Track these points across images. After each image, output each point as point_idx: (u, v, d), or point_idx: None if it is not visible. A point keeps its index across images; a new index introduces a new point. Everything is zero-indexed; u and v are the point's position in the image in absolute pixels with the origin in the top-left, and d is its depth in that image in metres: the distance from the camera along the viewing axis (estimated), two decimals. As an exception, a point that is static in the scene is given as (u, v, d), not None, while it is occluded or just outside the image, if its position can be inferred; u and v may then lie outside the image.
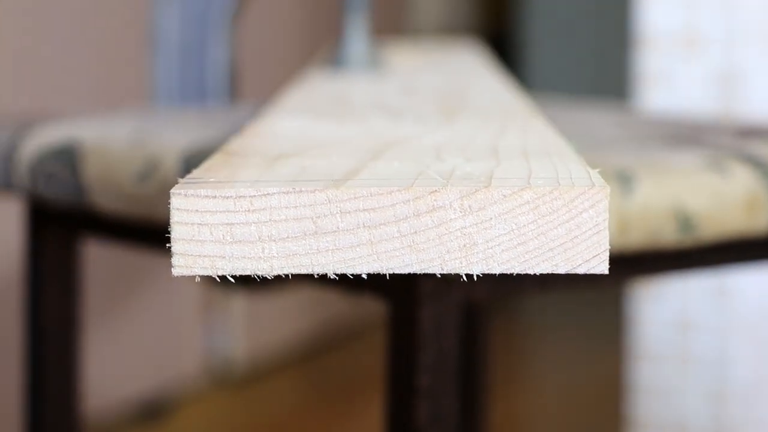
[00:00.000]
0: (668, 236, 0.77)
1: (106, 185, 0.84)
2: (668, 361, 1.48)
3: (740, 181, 0.80)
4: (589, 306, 2.58)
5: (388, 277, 0.47)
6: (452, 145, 0.59)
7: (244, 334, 2.13)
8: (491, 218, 0.45)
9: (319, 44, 2.14)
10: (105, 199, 0.84)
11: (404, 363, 0.67)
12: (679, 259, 0.80)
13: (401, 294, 0.68)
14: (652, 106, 1.44)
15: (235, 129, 0.85)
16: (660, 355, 1.48)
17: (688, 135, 0.89)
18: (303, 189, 0.45)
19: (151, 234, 0.87)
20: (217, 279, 0.46)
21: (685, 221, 0.77)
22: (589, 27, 3.05)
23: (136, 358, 1.90)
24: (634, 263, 0.79)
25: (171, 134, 0.86)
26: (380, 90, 0.94)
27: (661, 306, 1.47)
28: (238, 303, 2.12)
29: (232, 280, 0.46)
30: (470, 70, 1.12)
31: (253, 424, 1.91)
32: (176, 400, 1.96)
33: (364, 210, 0.45)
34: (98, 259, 1.67)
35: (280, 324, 2.22)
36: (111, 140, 0.86)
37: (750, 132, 0.94)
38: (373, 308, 2.17)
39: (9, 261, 1.64)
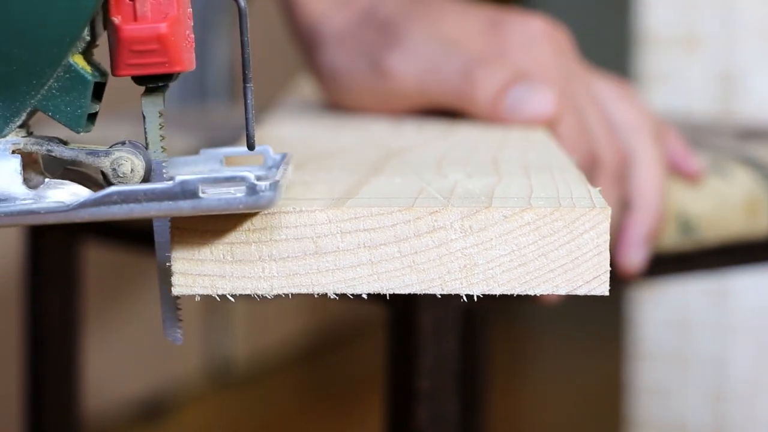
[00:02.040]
0: (668, 239, 0.77)
1: (106, 187, 0.84)
2: (668, 361, 1.48)
3: (741, 183, 0.80)
4: (589, 306, 2.58)
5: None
6: (453, 156, 0.59)
7: (244, 334, 2.13)
8: (492, 239, 0.44)
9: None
10: (105, 201, 0.84)
11: (404, 366, 0.67)
12: (680, 261, 0.80)
13: (401, 297, 0.68)
14: (652, 107, 1.44)
15: (235, 131, 0.85)
16: (660, 355, 1.48)
17: (688, 137, 0.88)
18: (303, 209, 0.45)
19: (151, 234, 0.86)
20: (217, 298, 0.46)
21: (685, 224, 0.77)
22: (589, 27, 3.04)
23: (136, 358, 1.90)
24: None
25: (170, 135, 0.86)
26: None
27: (661, 306, 1.47)
28: (239, 303, 2.12)
29: (232, 300, 0.46)
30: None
31: (253, 424, 1.91)
32: (176, 400, 1.96)
33: (365, 230, 0.45)
34: (98, 259, 1.67)
35: (280, 324, 2.22)
36: (110, 141, 0.86)
37: (750, 134, 0.94)
38: (373, 309, 2.17)
39: (9, 261, 1.64)
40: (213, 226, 0.45)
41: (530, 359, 2.43)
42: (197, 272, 0.45)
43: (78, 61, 0.44)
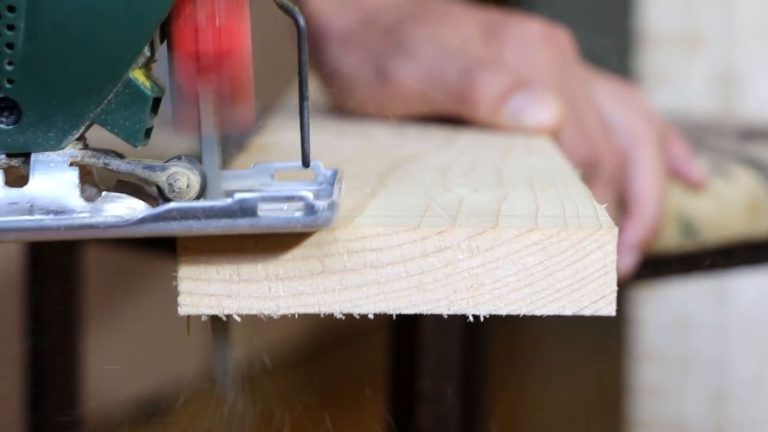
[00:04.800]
0: (670, 240, 0.77)
1: (107, 188, 0.84)
2: (668, 361, 1.48)
3: (742, 184, 0.80)
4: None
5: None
6: (457, 167, 0.59)
7: (244, 335, 2.13)
8: (498, 259, 0.44)
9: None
10: (106, 202, 0.84)
11: (406, 368, 0.67)
12: (681, 263, 0.80)
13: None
14: (652, 107, 1.44)
15: (241, 128, 0.84)
16: (660, 355, 1.48)
17: (689, 138, 0.89)
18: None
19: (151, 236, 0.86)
20: (223, 317, 0.46)
21: (687, 226, 0.77)
22: (589, 27, 3.04)
23: (136, 358, 1.90)
24: (635, 267, 0.79)
25: (171, 136, 0.86)
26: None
27: (661, 306, 1.47)
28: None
29: (238, 319, 0.46)
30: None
31: (253, 424, 1.91)
32: (176, 400, 1.96)
33: (371, 250, 0.44)
34: (99, 259, 1.67)
35: (281, 324, 2.21)
36: (111, 142, 0.86)
37: (751, 134, 0.94)
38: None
39: (10, 261, 1.64)
40: (220, 245, 0.45)
41: (531, 360, 2.43)
42: (204, 292, 0.45)
43: (138, 76, 0.44)
